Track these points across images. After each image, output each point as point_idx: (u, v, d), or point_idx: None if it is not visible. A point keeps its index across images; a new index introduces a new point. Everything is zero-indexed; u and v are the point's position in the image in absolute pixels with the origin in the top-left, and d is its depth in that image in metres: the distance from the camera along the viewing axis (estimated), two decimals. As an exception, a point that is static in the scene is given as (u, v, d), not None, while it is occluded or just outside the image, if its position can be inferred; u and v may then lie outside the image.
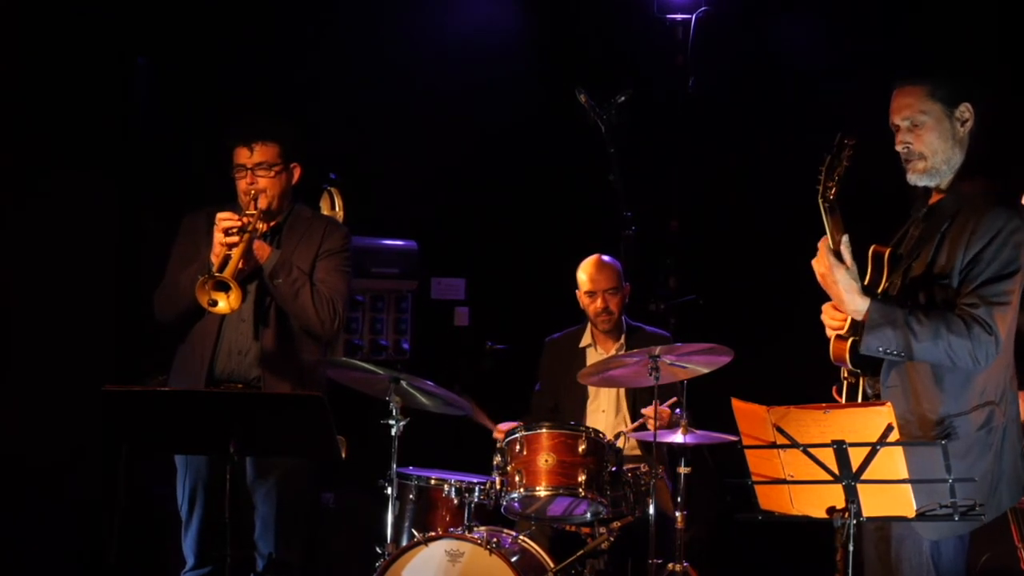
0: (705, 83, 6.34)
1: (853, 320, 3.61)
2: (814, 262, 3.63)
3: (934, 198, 3.71)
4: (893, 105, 3.67)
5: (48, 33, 5.57)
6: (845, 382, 3.70)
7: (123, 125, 5.82)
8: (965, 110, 3.63)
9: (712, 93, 6.35)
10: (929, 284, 3.58)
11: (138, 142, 5.87)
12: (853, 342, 3.60)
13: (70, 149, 5.62)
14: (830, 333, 3.70)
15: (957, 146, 3.64)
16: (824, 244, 3.58)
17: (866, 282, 3.64)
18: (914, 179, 3.67)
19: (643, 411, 5.15)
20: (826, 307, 3.72)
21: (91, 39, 5.65)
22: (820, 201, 3.58)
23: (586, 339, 5.55)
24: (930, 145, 3.62)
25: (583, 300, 5.46)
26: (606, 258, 5.47)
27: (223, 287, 4.32)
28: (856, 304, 3.55)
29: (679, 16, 6.38)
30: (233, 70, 6.00)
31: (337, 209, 5.77)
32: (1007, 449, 3.58)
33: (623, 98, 5.33)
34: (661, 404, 4.89)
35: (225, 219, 4.42)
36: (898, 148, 3.67)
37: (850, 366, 3.64)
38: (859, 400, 3.64)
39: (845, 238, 3.56)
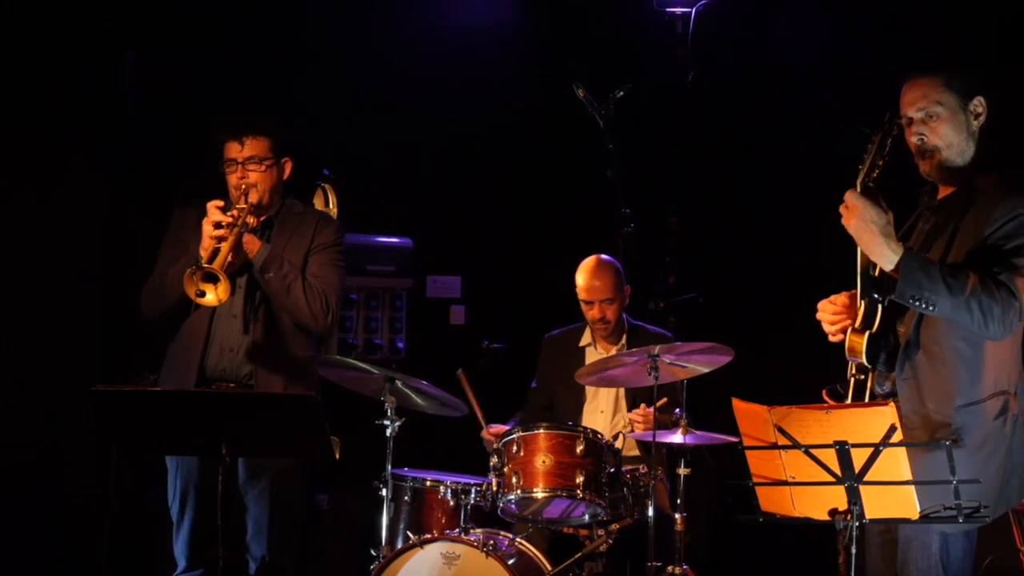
0: (705, 77, 6.30)
1: (866, 313, 3.55)
2: (843, 207, 3.52)
3: (943, 192, 3.66)
4: (906, 98, 3.63)
5: (36, 27, 5.54)
6: (852, 380, 3.64)
7: (112, 120, 5.79)
8: (979, 104, 3.60)
9: (712, 87, 6.30)
10: None
11: (127, 138, 5.84)
12: (870, 335, 3.55)
13: (58, 144, 5.59)
14: (827, 329, 3.65)
15: (971, 139, 3.61)
16: (852, 191, 3.50)
17: (875, 275, 3.57)
18: (928, 171, 3.61)
19: (629, 415, 5.10)
20: (822, 304, 3.70)
21: (80, 33, 5.62)
22: (861, 181, 3.51)
23: (586, 338, 5.49)
24: (945, 137, 3.59)
25: (582, 306, 5.38)
26: (605, 259, 5.37)
27: (211, 279, 4.30)
28: (891, 249, 3.45)
29: (679, 9, 6.33)
30: (225, 64, 5.97)
31: (331, 206, 5.73)
32: (1017, 441, 3.54)
33: (622, 93, 5.29)
34: (652, 404, 4.82)
35: (215, 211, 4.38)
36: (912, 140, 3.63)
37: (864, 361, 3.57)
38: (867, 399, 3.59)
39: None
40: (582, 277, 5.34)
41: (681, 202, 6.36)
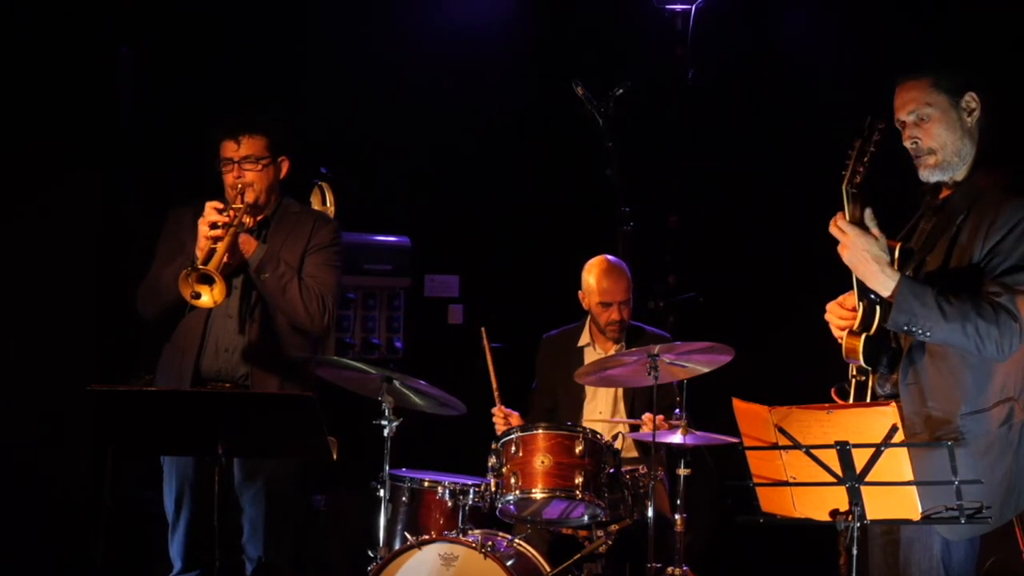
0: (705, 75, 6.28)
1: (864, 315, 3.53)
2: (831, 226, 3.51)
3: (945, 192, 3.65)
4: (897, 102, 3.62)
5: (30, 23, 5.52)
6: (854, 380, 3.63)
7: (107, 118, 5.77)
8: (971, 99, 3.58)
9: (712, 85, 6.30)
10: (946, 278, 3.50)
11: (122, 135, 5.82)
12: (867, 338, 3.53)
13: (53, 142, 5.57)
14: (837, 333, 3.63)
15: (967, 136, 3.58)
16: (841, 216, 3.48)
17: None
18: (926, 175, 3.62)
19: (644, 418, 5.07)
20: (831, 306, 3.67)
21: (74, 29, 5.60)
22: (845, 187, 3.50)
23: (584, 338, 5.45)
24: (938, 138, 3.57)
25: (594, 308, 5.32)
26: (615, 260, 5.32)
27: (207, 280, 4.29)
28: (886, 275, 3.44)
29: (678, 7, 6.33)
30: (221, 62, 5.96)
31: (328, 204, 5.72)
32: None
33: (621, 91, 5.28)
34: (658, 408, 4.79)
35: (212, 211, 4.35)
36: (906, 144, 3.62)
37: (863, 363, 3.55)
38: (868, 400, 3.57)
39: (869, 211, 3.47)
40: (598, 280, 5.27)
41: (681, 201, 6.35)
